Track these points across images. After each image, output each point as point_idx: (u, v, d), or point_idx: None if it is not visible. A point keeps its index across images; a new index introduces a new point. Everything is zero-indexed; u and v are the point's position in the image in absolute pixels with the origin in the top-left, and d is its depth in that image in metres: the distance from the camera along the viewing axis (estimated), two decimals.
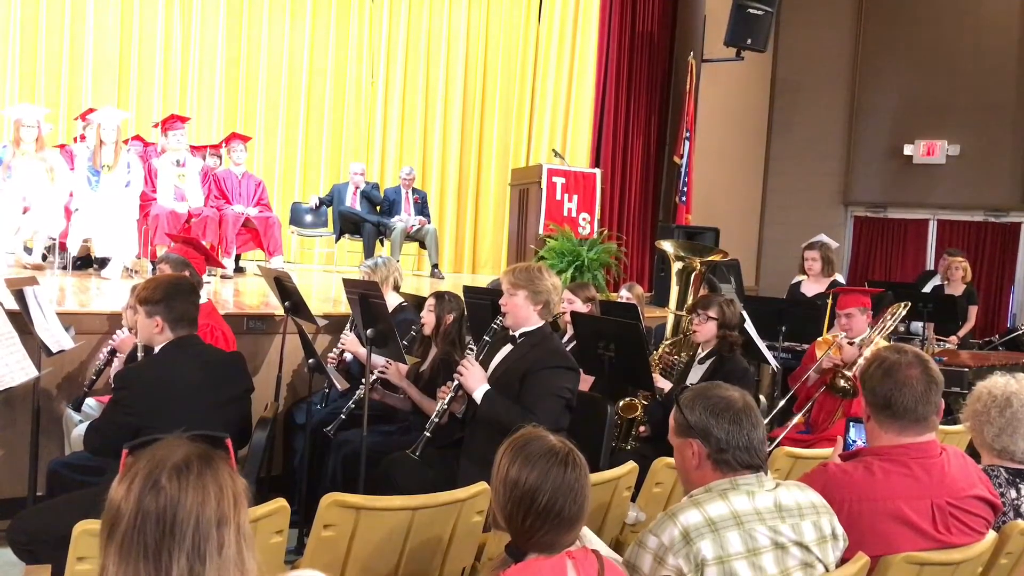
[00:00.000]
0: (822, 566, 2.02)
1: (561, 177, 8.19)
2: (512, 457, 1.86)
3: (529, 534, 1.81)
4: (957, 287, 7.68)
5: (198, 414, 2.94)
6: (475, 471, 2.85)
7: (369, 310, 3.74)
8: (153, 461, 1.38)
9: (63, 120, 9.00)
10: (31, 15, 9.05)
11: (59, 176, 6.74)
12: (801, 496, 2.06)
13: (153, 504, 1.33)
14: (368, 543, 2.41)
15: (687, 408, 2.08)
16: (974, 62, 10.08)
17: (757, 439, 2.04)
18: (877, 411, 2.34)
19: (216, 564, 1.33)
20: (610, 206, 9.64)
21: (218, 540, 1.34)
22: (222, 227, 7.47)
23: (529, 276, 3.44)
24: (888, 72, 10.59)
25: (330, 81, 10.47)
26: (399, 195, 9.10)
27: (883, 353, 2.39)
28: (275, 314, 5.10)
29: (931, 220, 10.65)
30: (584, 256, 7.63)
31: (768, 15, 9.29)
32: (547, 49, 10.56)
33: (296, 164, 10.40)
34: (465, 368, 3.40)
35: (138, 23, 9.49)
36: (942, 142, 10.31)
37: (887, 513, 2.21)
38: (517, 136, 10.75)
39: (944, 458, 2.30)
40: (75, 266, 6.90)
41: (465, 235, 10.79)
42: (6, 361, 3.28)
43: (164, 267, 4.25)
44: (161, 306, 3.14)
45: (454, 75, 10.74)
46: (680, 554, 1.89)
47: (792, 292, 6.73)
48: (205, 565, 1.33)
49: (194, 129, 8.99)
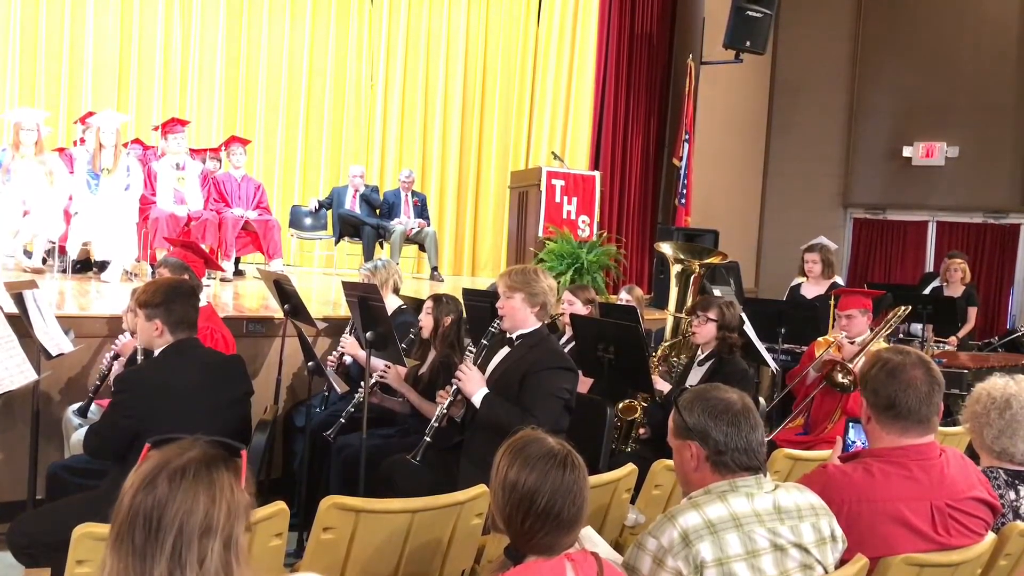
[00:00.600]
0: (821, 568, 2.02)
1: (560, 179, 8.19)
2: (511, 459, 1.86)
3: (528, 536, 1.81)
4: (956, 289, 7.69)
5: (197, 417, 2.95)
6: (475, 473, 2.85)
7: (368, 313, 3.74)
8: (160, 460, 1.38)
9: (63, 123, 9.02)
10: (31, 18, 9.06)
11: (58, 179, 6.74)
12: (800, 498, 2.06)
13: (144, 503, 1.33)
14: (368, 546, 2.41)
15: (686, 410, 2.08)
16: (974, 63, 10.09)
17: (756, 441, 2.04)
18: (880, 412, 2.33)
19: (196, 575, 1.31)
20: (609, 208, 9.65)
21: (199, 551, 1.31)
22: (221, 230, 7.48)
23: (525, 278, 3.45)
24: (887, 73, 10.60)
25: (329, 84, 10.49)
26: (398, 198, 9.10)
27: (885, 354, 2.39)
28: (274, 317, 5.10)
29: (930, 222, 10.65)
30: (584, 258, 7.64)
31: (767, 17, 9.29)
32: (546, 51, 10.58)
33: (295, 167, 10.41)
34: (463, 373, 3.40)
35: (138, 26, 9.51)
36: (941, 144, 10.31)
37: (886, 515, 2.21)
38: (516, 138, 10.77)
39: (943, 460, 2.30)
40: (75, 269, 6.90)
41: (464, 238, 10.80)
42: (5, 364, 3.28)
43: (163, 271, 4.26)
44: (161, 309, 3.13)
45: (453, 77, 10.76)
46: (679, 556, 1.89)
47: (792, 294, 6.74)
48: (184, 574, 1.30)
49: (194, 132, 9.00)
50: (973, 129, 10.11)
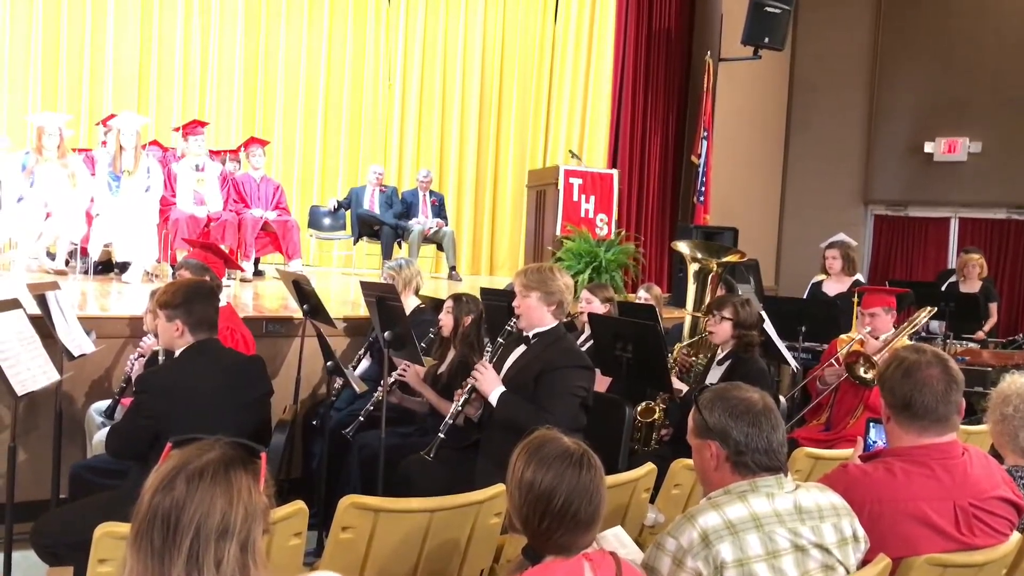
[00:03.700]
0: (843, 568, 2.00)
1: (578, 178, 8.18)
2: (527, 459, 1.86)
3: (545, 536, 1.81)
4: (973, 284, 7.59)
5: (218, 418, 2.97)
6: (493, 472, 2.85)
7: (386, 313, 3.75)
8: (179, 461, 1.38)
9: (84, 126, 9.10)
10: (52, 22, 9.14)
11: (80, 182, 6.81)
12: (821, 498, 2.04)
13: (162, 504, 1.33)
14: (386, 545, 2.42)
15: (706, 409, 2.06)
16: (996, 57, 9.95)
17: (776, 441, 2.02)
18: (897, 412, 2.31)
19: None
20: (627, 207, 9.61)
21: (216, 553, 1.31)
22: (241, 231, 7.52)
23: (541, 277, 3.44)
24: (907, 69, 10.49)
25: (347, 84, 10.50)
26: (416, 198, 9.11)
27: (902, 353, 2.36)
28: (294, 317, 5.12)
29: (952, 218, 10.53)
30: (602, 257, 7.62)
31: (786, 13, 9.23)
32: (563, 50, 10.56)
33: (314, 167, 10.44)
34: (479, 371, 3.40)
35: (157, 29, 9.57)
36: (963, 139, 10.19)
37: (909, 514, 2.18)
38: (534, 137, 10.75)
39: (966, 459, 2.27)
40: (96, 271, 6.97)
41: (483, 237, 10.79)
42: (28, 365, 3.32)
43: (184, 272, 4.28)
44: (181, 310, 3.15)
45: (470, 76, 10.75)
46: (699, 557, 1.88)
47: (813, 292, 6.69)
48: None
49: (213, 133, 9.05)
50: (995, 124, 9.98)
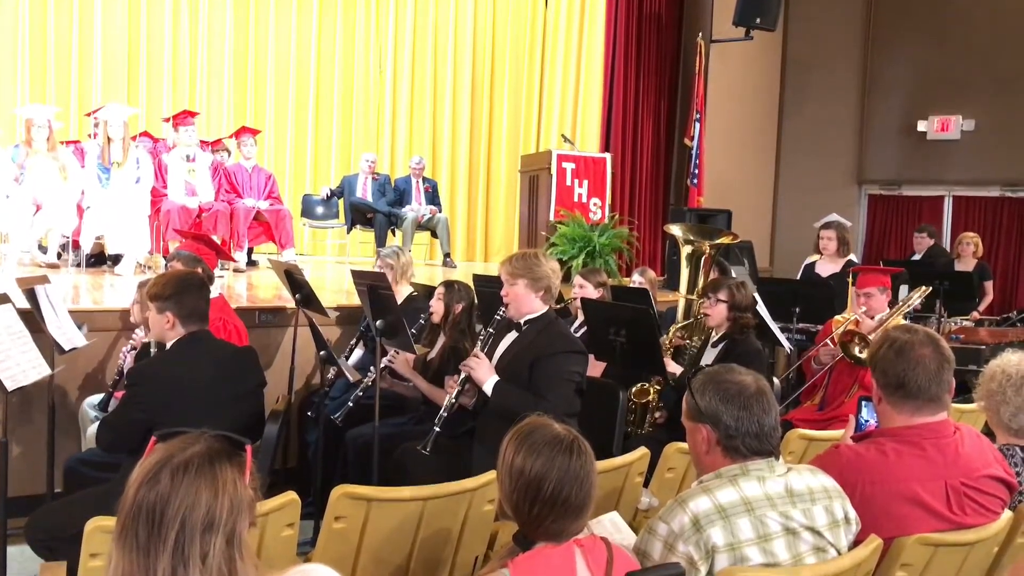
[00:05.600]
0: (834, 550, 2.00)
1: (571, 162, 8.15)
2: (517, 446, 1.86)
3: (536, 522, 1.81)
4: (968, 263, 7.60)
5: (210, 409, 2.95)
6: (489, 459, 2.83)
7: (378, 301, 3.74)
8: (163, 455, 1.38)
9: (74, 118, 9.05)
10: (39, 13, 9.07)
11: (71, 174, 6.78)
12: (813, 480, 2.04)
13: (147, 498, 1.33)
14: (379, 534, 2.42)
15: (698, 393, 2.06)
16: (990, 34, 9.90)
17: (768, 425, 2.01)
18: (890, 392, 2.30)
19: (199, 571, 1.30)
20: (621, 190, 9.60)
21: (202, 546, 1.31)
22: (233, 221, 7.49)
23: (527, 264, 3.43)
24: (900, 47, 10.45)
25: (338, 72, 10.45)
26: (409, 185, 9.08)
27: (893, 333, 2.35)
28: (287, 307, 5.11)
29: (946, 196, 10.52)
30: (596, 241, 7.61)
31: None
32: (555, 34, 10.51)
33: (306, 156, 10.40)
34: (473, 361, 3.40)
35: (146, 19, 9.50)
36: (956, 117, 10.16)
37: (901, 495, 2.18)
38: (526, 122, 10.71)
39: (958, 438, 2.27)
40: (89, 263, 6.94)
41: (476, 223, 10.78)
42: (18, 360, 3.30)
43: (176, 264, 4.25)
44: (172, 302, 3.13)
45: (462, 61, 10.70)
46: (690, 541, 1.88)
47: (806, 272, 6.68)
48: (188, 570, 1.30)
49: (204, 123, 9.00)
50: (989, 102, 9.95)
